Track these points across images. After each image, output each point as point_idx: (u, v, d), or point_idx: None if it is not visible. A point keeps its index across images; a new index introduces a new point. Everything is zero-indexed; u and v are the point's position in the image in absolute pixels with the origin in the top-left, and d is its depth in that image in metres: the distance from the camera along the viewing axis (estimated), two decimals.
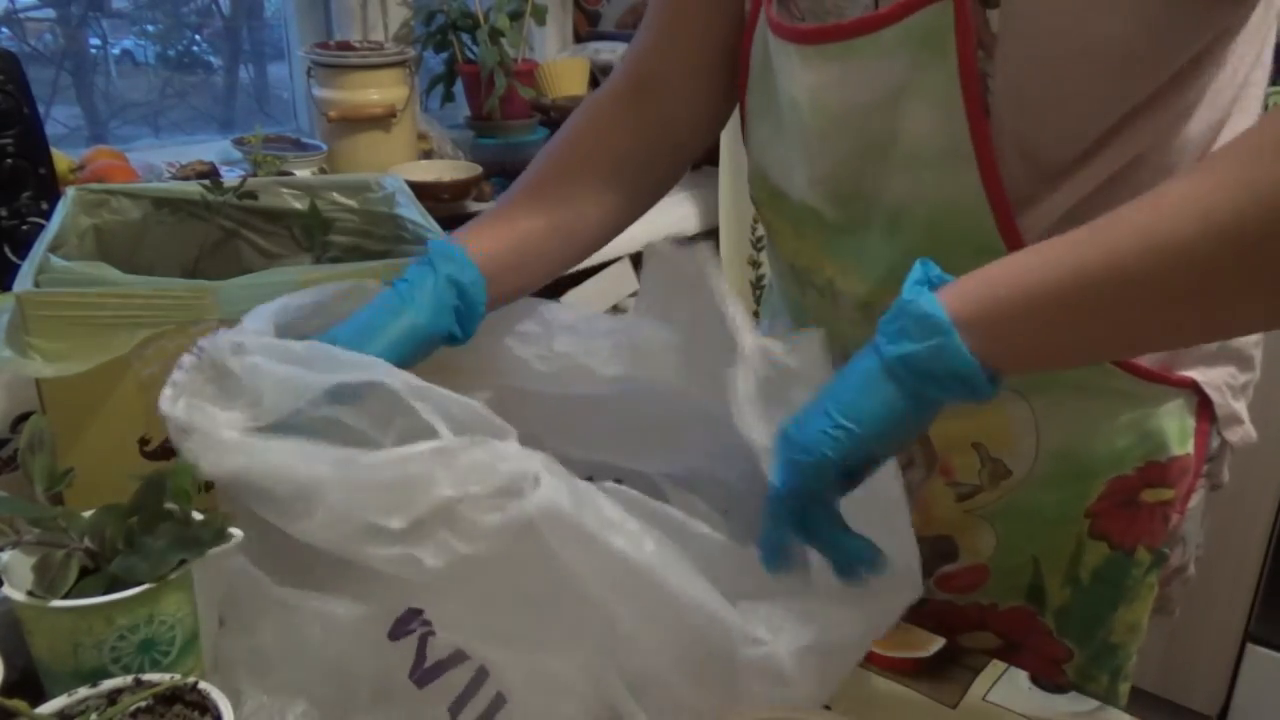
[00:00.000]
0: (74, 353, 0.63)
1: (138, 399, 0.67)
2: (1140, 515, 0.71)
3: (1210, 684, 1.86)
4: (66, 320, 0.63)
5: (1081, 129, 0.60)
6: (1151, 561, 0.73)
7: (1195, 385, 0.69)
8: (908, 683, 0.65)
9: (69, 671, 0.51)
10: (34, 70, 1.26)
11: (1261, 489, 1.74)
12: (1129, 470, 0.69)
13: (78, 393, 0.65)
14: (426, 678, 0.54)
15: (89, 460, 0.65)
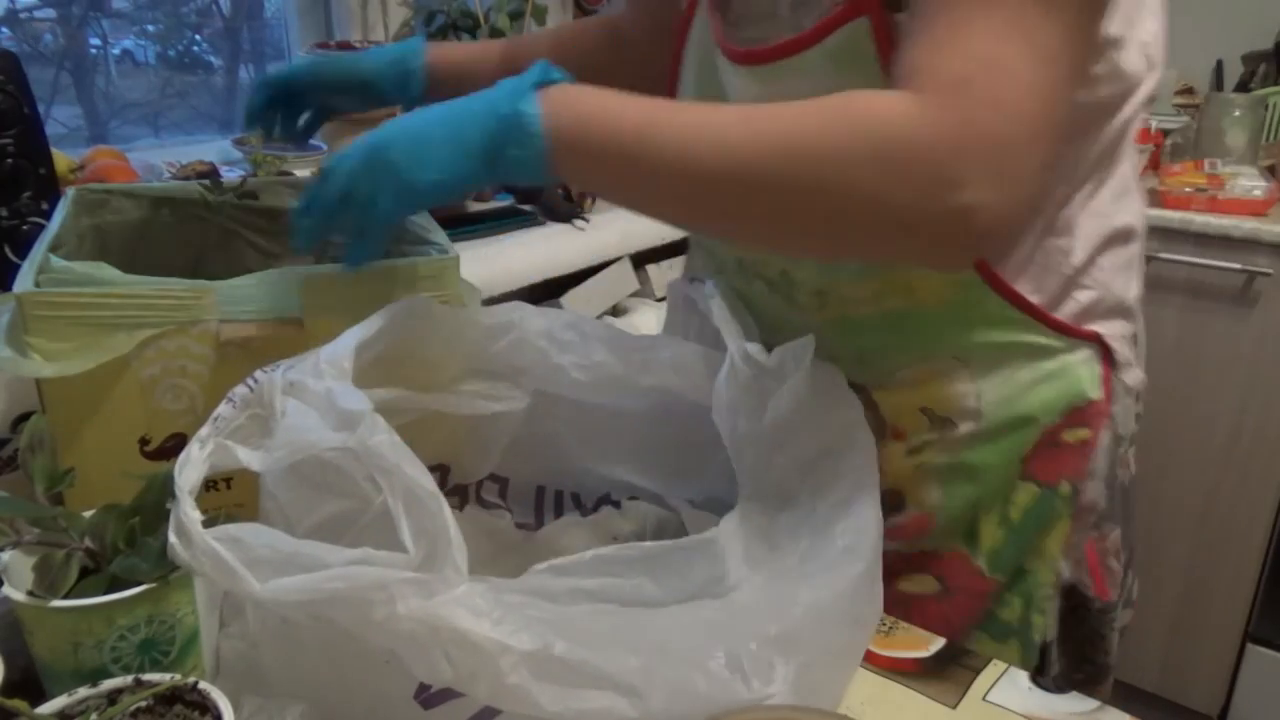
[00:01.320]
0: (74, 353, 0.63)
1: (138, 399, 0.67)
2: (1063, 454, 0.78)
3: (1210, 684, 1.86)
4: (66, 320, 0.63)
5: None
6: (1069, 493, 0.80)
7: (1099, 338, 0.77)
8: (908, 683, 0.65)
9: (69, 671, 0.51)
10: (34, 70, 1.26)
11: (1261, 489, 1.74)
12: (1057, 418, 0.77)
13: (78, 393, 0.65)
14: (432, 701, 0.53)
15: (89, 460, 0.65)
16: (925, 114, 0.53)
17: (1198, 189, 1.71)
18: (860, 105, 0.55)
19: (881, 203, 0.53)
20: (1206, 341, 1.74)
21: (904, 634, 0.70)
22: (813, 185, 0.54)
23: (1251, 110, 1.83)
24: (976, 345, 0.75)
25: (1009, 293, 0.72)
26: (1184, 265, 1.72)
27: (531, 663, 0.46)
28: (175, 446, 0.69)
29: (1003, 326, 0.74)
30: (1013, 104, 0.53)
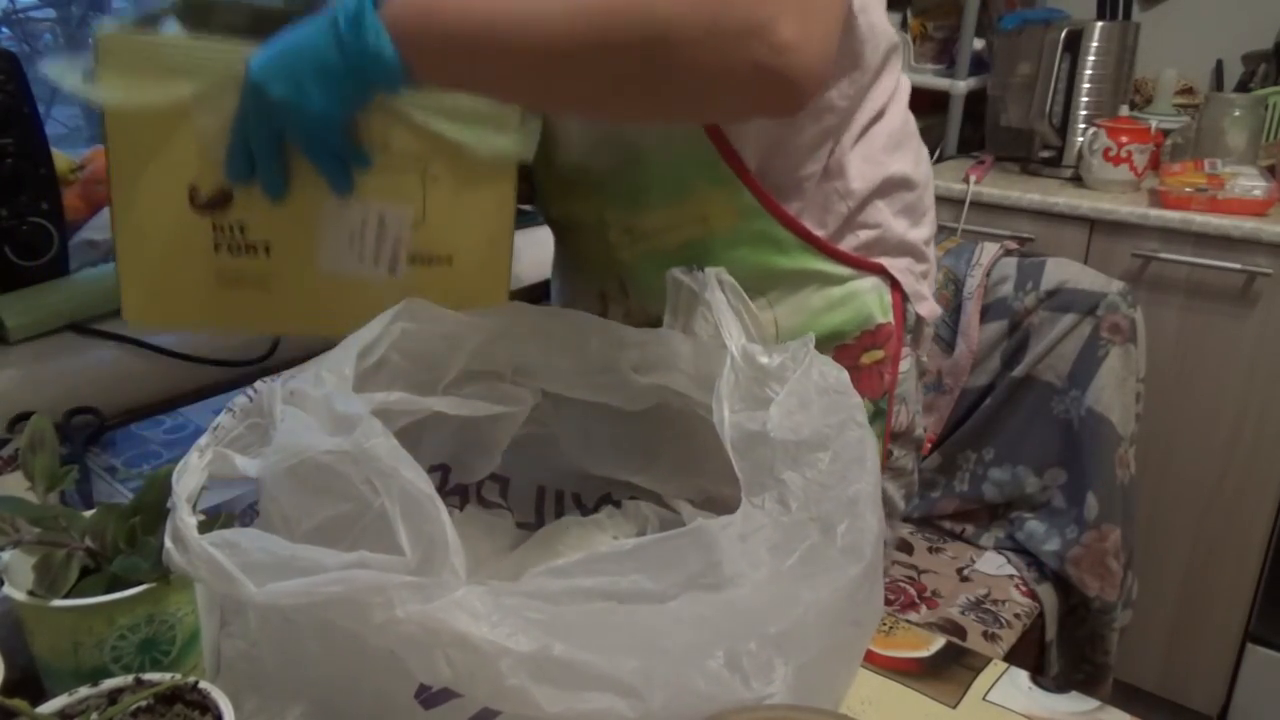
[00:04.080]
0: (136, 90, 0.68)
1: (193, 148, 0.69)
2: (861, 375, 0.85)
3: (1210, 684, 1.86)
4: (134, 61, 0.68)
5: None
6: (874, 413, 0.87)
7: (884, 270, 0.85)
8: (908, 683, 0.65)
9: (70, 671, 0.51)
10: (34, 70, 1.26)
11: (1261, 489, 1.74)
12: (850, 340, 0.85)
13: (138, 132, 0.69)
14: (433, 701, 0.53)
15: (139, 201, 0.70)
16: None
17: (1198, 189, 1.71)
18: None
19: (709, 53, 0.58)
20: (1206, 341, 1.74)
21: (904, 634, 0.70)
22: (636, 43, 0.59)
23: (1251, 110, 1.83)
24: (770, 272, 0.82)
25: (793, 224, 0.80)
26: (1184, 265, 1.72)
27: (531, 664, 0.46)
28: (219, 201, 0.71)
29: (791, 254, 0.81)
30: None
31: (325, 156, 0.68)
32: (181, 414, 1.03)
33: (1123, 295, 1.53)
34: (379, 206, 0.72)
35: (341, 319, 0.67)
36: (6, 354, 1.02)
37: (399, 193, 0.72)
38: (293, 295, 0.74)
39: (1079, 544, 1.52)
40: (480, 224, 0.76)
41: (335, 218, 0.72)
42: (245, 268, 0.73)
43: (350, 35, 0.63)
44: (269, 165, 0.69)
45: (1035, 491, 1.60)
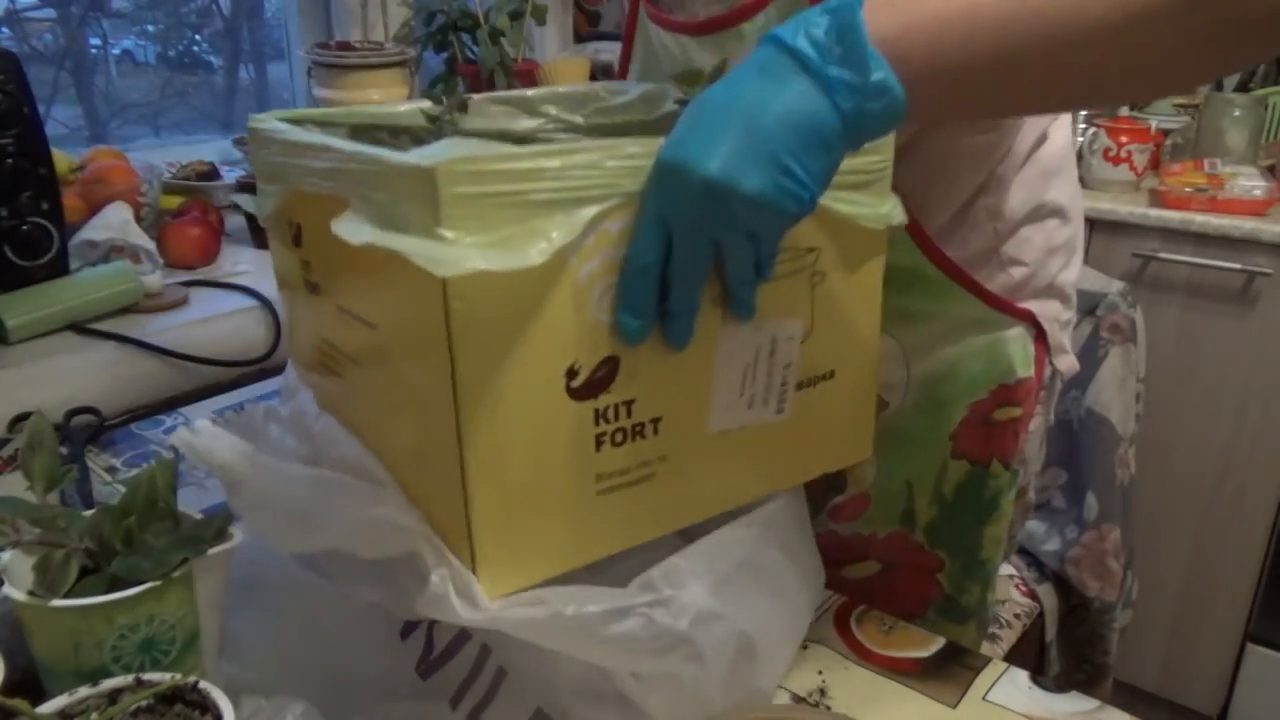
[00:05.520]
0: (507, 242, 0.45)
1: (569, 310, 0.49)
2: (994, 432, 0.79)
3: (1210, 684, 1.86)
4: (495, 199, 0.45)
5: None
6: (1008, 477, 0.81)
7: (1033, 317, 0.77)
8: (908, 683, 0.65)
9: (70, 671, 0.51)
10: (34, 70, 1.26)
11: (1261, 489, 1.74)
12: (985, 393, 0.77)
13: (495, 306, 0.47)
14: (432, 668, 0.55)
15: (502, 405, 0.48)
16: None
17: (1198, 189, 1.71)
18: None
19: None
20: (1206, 341, 1.74)
21: (904, 634, 0.70)
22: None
23: (1251, 110, 1.83)
24: (907, 314, 0.74)
25: (939, 257, 0.72)
26: (1184, 265, 1.71)
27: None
28: (605, 377, 0.51)
29: (934, 294, 0.73)
30: None
31: (752, 267, 0.51)
32: (181, 414, 1.03)
33: (1123, 295, 1.53)
34: (770, 328, 0.57)
35: (734, 490, 0.59)
36: (6, 354, 1.02)
37: (788, 304, 0.57)
38: (680, 479, 0.56)
39: (1079, 544, 1.52)
40: (859, 317, 0.63)
41: (728, 358, 0.56)
42: (630, 460, 0.54)
43: (845, 75, 0.46)
44: (693, 301, 0.51)
45: (1035, 491, 1.60)
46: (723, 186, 0.46)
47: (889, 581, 0.83)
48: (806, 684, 0.65)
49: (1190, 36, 0.47)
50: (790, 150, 0.46)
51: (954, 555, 0.84)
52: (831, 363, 0.62)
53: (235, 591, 0.59)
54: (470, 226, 0.44)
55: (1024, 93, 0.52)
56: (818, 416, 0.62)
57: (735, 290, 0.53)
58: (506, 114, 0.73)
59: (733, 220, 0.47)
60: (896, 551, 0.84)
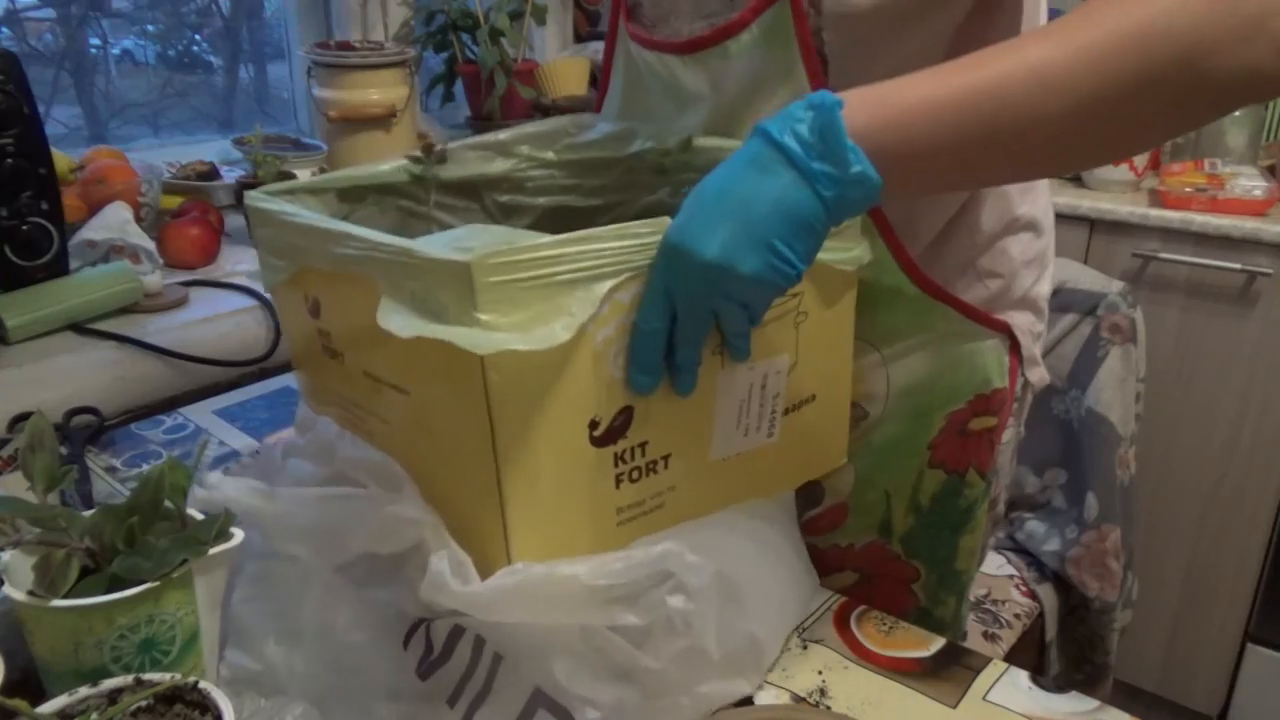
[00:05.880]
0: (535, 321, 0.52)
1: (590, 371, 0.55)
2: (969, 441, 0.80)
3: (1210, 684, 1.86)
4: (522, 284, 0.51)
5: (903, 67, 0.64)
6: (983, 487, 0.82)
7: (1008, 328, 0.79)
8: (908, 683, 0.65)
9: (70, 671, 0.51)
10: (34, 70, 1.26)
11: (1261, 489, 1.74)
12: (962, 403, 0.79)
13: (527, 374, 0.53)
14: (431, 669, 0.57)
15: (537, 458, 0.55)
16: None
17: (1198, 189, 1.71)
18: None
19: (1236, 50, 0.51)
20: (1206, 341, 1.74)
21: (904, 634, 0.70)
22: (1168, 64, 0.51)
23: (1251, 110, 1.83)
24: (889, 326, 0.77)
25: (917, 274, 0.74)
26: (1184, 265, 1.72)
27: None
28: (622, 425, 0.58)
29: (915, 307, 0.75)
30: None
31: (747, 323, 0.58)
32: (181, 414, 1.03)
33: (1123, 295, 1.53)
34: (762, 366, 0.64)
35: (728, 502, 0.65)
36: (6, 354, 1.02)
37: (777, 343, 0.64)
38: (685, 503, 0.63)
39: (1079, 544, 1.52)
40: (835, 346, 0.70)
41: (726, 397, 0.63)
42: (645, 493, 0.61)
43: (827, 169, 0.52)
44: (696, 358, 0.58)
45: (1035, 491, 1.60)
46: (721, 268, 0.52)
47: (866, 593, 0.84)
48: (806, 684, 0.65)
49: (1149, 113, 0.53)
50: (780, 235, 0.52)
51: (930, 566, 0.85)
52: (813, 388, 0.69)
53: (246, 583, 0.61)
54: (503, 309, 0.50)
55: (989, 173, 0.60)
56: (801, 434, 0.70)
57: (732, 341, 0.59)
58: (482, 158, 0.80)
59: (729, 295, 0.54)
60: (874, 562, 0.85)
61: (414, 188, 0.77)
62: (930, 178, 0.57)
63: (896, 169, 0.53)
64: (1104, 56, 0.51)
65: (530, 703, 0.54)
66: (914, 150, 0.53)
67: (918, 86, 0.53)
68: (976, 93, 0.52)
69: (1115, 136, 0.55)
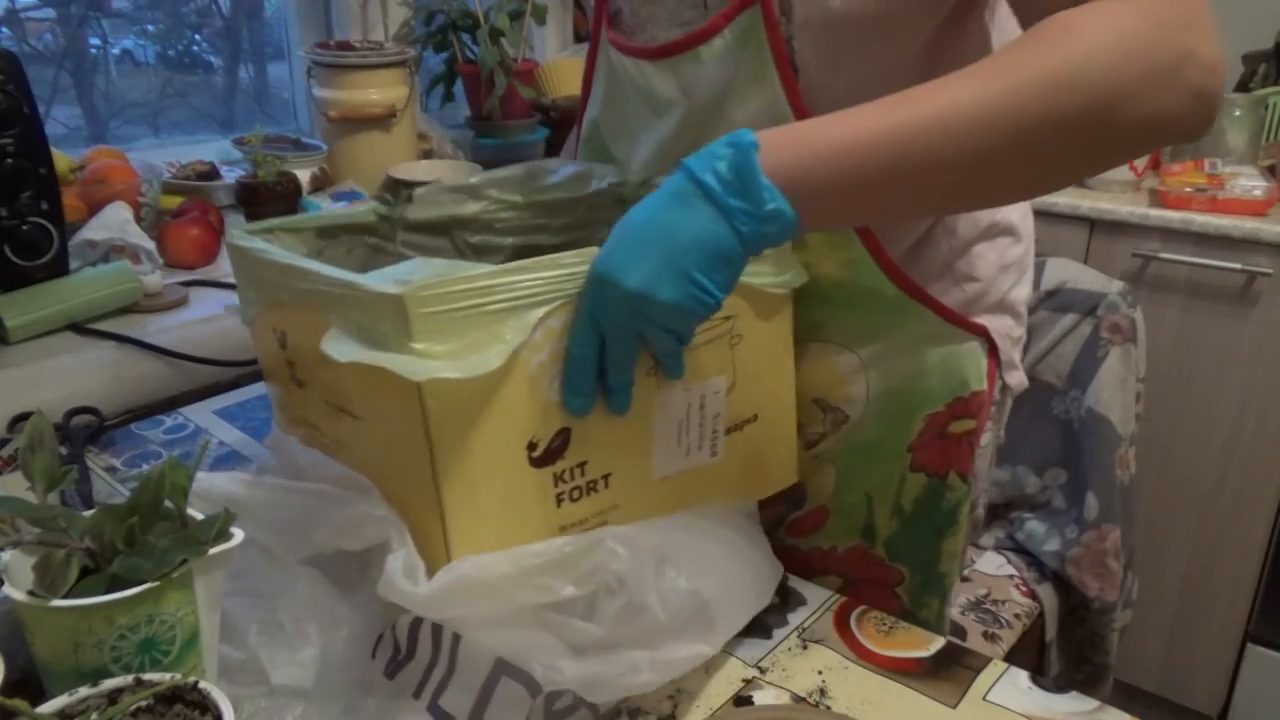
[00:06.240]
0: (469, 349, 0.55)
1: (527, 395, 0.58)
2: (950, 445, 0.81)
3: (1210, 684, 1.86)
4: (457, 314, 0.54)
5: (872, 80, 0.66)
6: (964, 490, 0.83)
7: (986, 332, 0.80)
8: (908, 683, 0.65)
9: (69, 671, 0.51)
10: (34, 70, 1.26)
11: (1261, 489, 1.74)
12: (940, 406, 0.80)
13: (463, 399, 0.55)
14: (398, 668, 0.58)
15: (473, 479, 0.57)
16: (1141, 5, 0.54)
17: (1198, 189, 1.71)
18: (1079, 22, 0.55)
19: (1147, 97, 0.53)
20: (1206, 341, 1.74)
21: (904, 634, 0.70)
22: (1080, 110, 0.53)
23: (1251, 110, 1.83)
24: (868, 330, 0.78)
25: (898, 274, 0.75)
26: (1184, 265, 1.72)
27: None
28: (560, 446, 0.60)
29: (893, 310, 0.77)
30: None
31: (676, 344, 0.61)
32: (181, 414, 1.03)
33: (1123, 295, 1.53)
34: (699, 387, 0.66)
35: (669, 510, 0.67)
36: (6, 354, 1.02)
37: (713, 365, 0.67)
38: (627, 520, 0.65)
39: (1079, 544, 1.52)
40: (774, 367, 0.72)
41: (664, 417, 0.65)
42: (587, 511, 0.63)
43: (743, 206, 0.54)
44: (627, 380, 0.60)
45: (1035, 491, 1.60)
46: (643, 296, 0.55)
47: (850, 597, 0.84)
48: (806, 684, 0.65)
49: (1058, 157, 0.55)
50: (699, 266, 0.55)
51: (913, 569, 0.85)
52: (754, 408, 0.71)
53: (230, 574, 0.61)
54: (438, 338, 0.53)
55: (902, 211, 0.62)
56: (746, 454, 0.71)
57: (664, 361, 0.62)
58: (454, 200, 0.84)
59: (652, 321, 0.57)
60: (857, 566, 0.85)
61: (384, 226, 0.82)
62: (845, 214, 0.60)
63: (812, 206, 0.55)
64: (1014, 103, 0.53)
65: (493, 672, 0.55)
66: (828, 189, 0.55)
67: (835, 127, 0.56)
68: (888, 136, 0.54)
69: (1024, 179, 0.58)
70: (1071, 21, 0.55)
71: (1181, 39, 0.53)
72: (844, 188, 0.55)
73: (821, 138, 0.55)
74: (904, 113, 0.55)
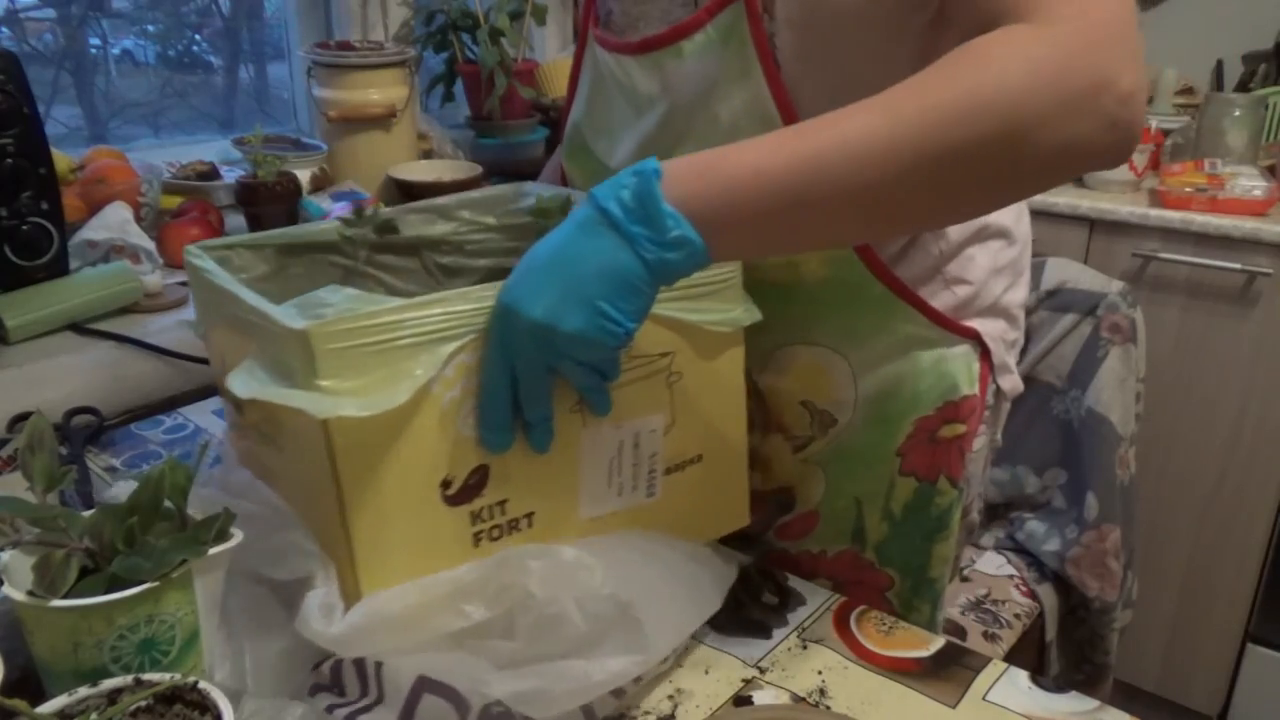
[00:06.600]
0: (377, 386, 0.53)
1: (437, 431, 0.57)
2: (939, 449, 0.80)
3: (1210, 684, 1.86)
4: (364, 350, 0.53)
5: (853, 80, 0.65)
6: (954, 495, 0.82)
7: (978, 335, 0.79)
8: (908, 683, 0.65)
9: (69, 671, 0.51)
10: (34, 70, 1.26)
11: (1261, 489, 1.74)
12: (930, 410, 0.79)
13: (371, 435, 0.54)
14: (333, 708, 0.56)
15: (384, 517, 0.56)
16: (1056, 32, 0.54)
17: (1198, 189, 1.71)
18: (991, 49, 0.54)
19: (1058, 125, 0.53)
20: (1206, 341, 1.74)
21: (904, 634, 0.70)
22: (990, 138, 0.52)
23: (1251, 110, 1.83)
24: (855, 332, 0.77)
25: (886, 275, 0.74)
26: (1184, 265, 1.72)
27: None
28: (478, 483, 0.59)
29: (881, 312, 0.75)
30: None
31: (596, 379, 0.59)
32: (181, 414, 1.03)
33: (1123, 295, 1.53)
34: (632, 425, 0.64)
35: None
36: (6, 354, 1.02)
37: (647, 403, 0.65)
38: None
39: (1079, 544, 1.52)
40: (721, 406, 0.69)
41: (592, 455, 0.63)
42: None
43: (646, 233, 0.54)
44: (544, 414, 0.59)
45: (1035, 491, 1.60)
46: (547, 327, 0.54)
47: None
48: (806, 684, 0.65)
49: (971, 185, 0.55)
50: (604, 295, 0.54)
51: (904, 574, 0.85)
52: (698, 448, 0.69)
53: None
54: (345, 374, 0.52)
55: (815, 239, 0.60)
56: (690, 495, 0.69)
57: (587, 396, 0.60)
58: (425, 220, 0.82)
59: (560, 353, 0.55)
60: (847, 570, 0.85)
61: (348, 246, 0.80)
62: (757, 243, 0.58)
63: (722, 234, 0.54)
64: (921, 130, 0.53)
65: (415, 688, 0.54)
66: (737, 218, 0.54)
67: (743, 155, 0.55)
68: (797, 164, 0.54)
69: (937, 206, 0.57)
70: (984, 49, 0.54)
71: (1098, 66, 0.52)
72: (751, 217, 0.55)
73: (728, 166, 0.55)
74: (811, 141, 0.54)
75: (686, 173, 0.55)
